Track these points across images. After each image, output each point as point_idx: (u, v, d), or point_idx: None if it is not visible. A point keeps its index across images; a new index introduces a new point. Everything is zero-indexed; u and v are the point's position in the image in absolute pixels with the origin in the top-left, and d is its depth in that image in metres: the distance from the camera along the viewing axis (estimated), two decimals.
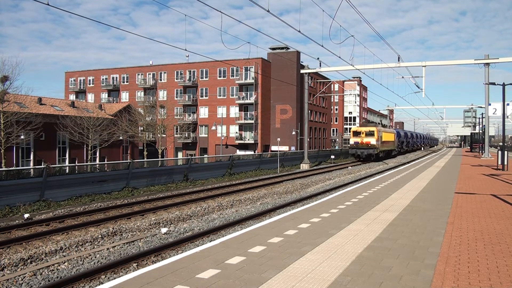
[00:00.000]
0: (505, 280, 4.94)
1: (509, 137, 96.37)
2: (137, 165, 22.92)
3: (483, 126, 44.33)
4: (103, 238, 9.78)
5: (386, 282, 4.86)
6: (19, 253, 8.53)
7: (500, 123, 38.25)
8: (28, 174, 19.27)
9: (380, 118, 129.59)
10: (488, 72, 34.35)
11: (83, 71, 76.49)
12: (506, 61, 34.67)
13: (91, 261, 8.01)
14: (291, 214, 9.60)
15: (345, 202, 11.18)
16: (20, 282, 6.90)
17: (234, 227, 10.56)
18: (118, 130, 46.80)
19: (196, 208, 13.79)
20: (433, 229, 7.72)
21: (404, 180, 17.44)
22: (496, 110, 28.26)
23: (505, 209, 10.17)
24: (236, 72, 62.89)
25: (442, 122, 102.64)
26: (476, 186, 15.37)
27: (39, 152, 41.17)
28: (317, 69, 40.47)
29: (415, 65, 35.74)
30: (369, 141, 41.38)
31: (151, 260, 7.93)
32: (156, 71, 69.79)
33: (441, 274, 5.14)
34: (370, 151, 41.09)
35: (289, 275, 5.12)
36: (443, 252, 6.17)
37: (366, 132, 42.20)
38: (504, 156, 24.24)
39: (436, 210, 9.90)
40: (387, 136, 47.58)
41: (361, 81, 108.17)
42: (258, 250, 6.30)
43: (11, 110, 34.41)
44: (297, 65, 62.97)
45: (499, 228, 7.91)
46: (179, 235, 9.99)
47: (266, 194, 17.05)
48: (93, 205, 14.56)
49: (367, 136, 41.84)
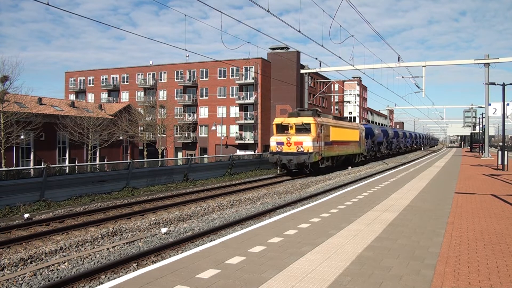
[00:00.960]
0: (505, 280, 4.94)
1: (509, 137, 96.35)
2: (137, 165, 22.92)
3: (483, 126, 44.35)
4: (103, 238, 9.78)
5: (386, 282, 4.86)
6: (19, 253, 8.52)
7: (500, 123, 38.26)
8: (28, 174, 19.28)
9: (379, 117, 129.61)
10: (488, 72, 34.37)
11: (83, 71, 76.50)
12: (506, 61, 34.70)
13: (91, 261, 8.01)
14: (291, 214, 9.60)
15: (345, 202, 11.18)
16: (20, 282, 6.90)
17: (234, 227, 10.56)
18: (118, 130, 46.82)
19: (196, 208, 13.79)
20: (433, 229, 7.72)
21: (404, 180, 17.44)
22: (496, 110, 28.26)
23: (505, 209, 10.17)
24: (236, 72, 62.91)
25: (442, 122, 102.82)
26: (476, 186, 15.37)
27: (39, 152, 41.18)
28: (317, 69, 40.52)
29: (415, 65, 35.80)
30: (300, 142, 24.29)
31: (151, 260, 7.93)
32: (156, 71, 69.80)
33: (441, 274, 5.14)
34: (302, 158, 23.82)
35: (289, 275, 5.12)
36: (443, 252, 6.17)
37: (296, 125, 25.00)
38: (504, 156, 24.25)
39: (436, 210, 9.90)
40: (343, 133, 30.15)
41: (361, 81, 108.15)
42: (258, 250, 6.30)
43: (11, 110, 34.43)
44: (297, 65, 62.96)
45: (499, 228, 7.90)
46: (179, 235, 9.99)
47: (266, 194, 17.06)
48: (93, 205, 14.56)
49: (298, 132, 24.82)
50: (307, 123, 24.78)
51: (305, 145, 24.17)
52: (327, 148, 26.29)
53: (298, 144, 24.41)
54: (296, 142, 24.48)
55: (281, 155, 24.56)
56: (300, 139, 24.42)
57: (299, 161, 23.83)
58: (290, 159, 24.17)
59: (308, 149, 24.08)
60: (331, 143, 27.16)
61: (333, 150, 27.83)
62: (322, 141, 25.42)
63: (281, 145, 24.89)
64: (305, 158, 23.79)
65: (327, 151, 26.29)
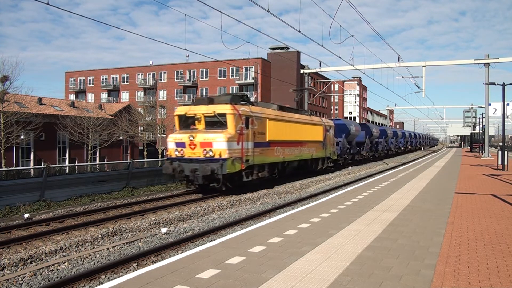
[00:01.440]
0: (505, 280, 4.94)
1: (509, 137, 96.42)
2: (137, 165, 22.92)
3: (483, 126, 44.35)
4: (103, 238, 9.78)
5: (386, 282, 4.86)
6: (19, 253, 8.52)
7: (500, 123, 38.27)
8: (28, 174, 19.31)
9: (379, 117, 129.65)
10: (488, 72, 34.39)
11: (83, 71, 76.55)
12: (506, 61, 34.73)
13: (91, 261, 8.01)
14: (291, 214, 9.61)
15: (345, 202, 11.18)
16: (20, 282, 6.90)
17: (234, 227, 10.56)
18: (118, 130, 46.84)
19: (196, 208, 13.79)
20: (433, 229, 7.72)
21: (404, 180, 17.45)
22: (496, 110, 28.30)
23: (505, 209, 10.17)
24: (236, 72, 62.96)
25: (442, 122, 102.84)
26: (476, 186, 15.37)
27: (39, 152, 41.19)
28: (317, 69, 40.55)
29: (415, 65, 35.82)
30: (209, 142, 16.00)
31: (151, 260, 7.93)
32: (156, 71, 69.84)
33: (441, 274, 5.14)
34: (210, 167, 15.57)
35: (289, 275, 5.12)
36: (443, 252, 6.17)
37: (206, 117, 16.77)
38: (504, 156, 24.26)
39: (436, 210, 9.90)
40: (292, 130, 21.30)
41: (361, 81, 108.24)
42: (258, 250, 6.30)
43: (11, 110, 34.44)
44: (297, 65, 63.00)
45: (499, 228, 7.90)
46: (179, 235, 9.99)
47: (266, 194, 17.06)
48: (93, 205, 14.56)
49: (209, 128, 16.64)
50: (221, 113, 16.03)
51: (216, 148, 15.52)
52: (260, 151, 17.71)
53: (206, 145, 15.69)
54: (203, 142, 15.73)
55: (182, 162, 16.00)
56: (208, 138, 15.72)
57: (204, 172, 15.24)
58: (194, 168, 15.58)
59: (220, 153, 15.43)
60: (267, 144, 18.36)
61: (272, 154, 18.90)
62: (249, 141, 16.83)
63: (182, 147, 16.16)
64: (216, 167, 15.27)
65: (259, 156, 17.69)
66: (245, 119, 16.79)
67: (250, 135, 17.10)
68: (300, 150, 22.40)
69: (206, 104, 16.91)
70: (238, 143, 16.30)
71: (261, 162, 18.08)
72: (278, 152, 19.63)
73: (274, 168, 19.81)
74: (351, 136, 33.31)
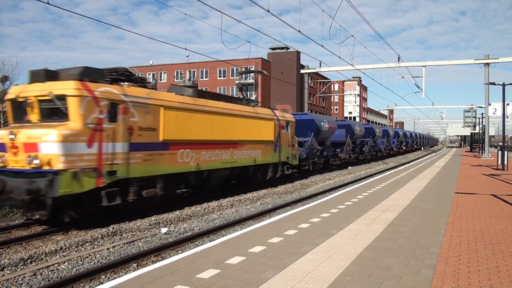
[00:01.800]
0: (505, 280, 4.94)
1: (509, 137, 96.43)
2: None
3: (483, 126, 44.35)
4: (103, 238, 9.77)
5: (386, 282, 4.86)
6: (19, 253, 8.52)
7: (500, 123, 38.27)
8: None
9: (379, 117, 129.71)
10: (488, 72, 34.41)
11: None
12: (506, 61, 34.75)
13: (91, 261, 8.01)
14: (291, 214, 9.61)
15: (345, 202, 11.18)
16: (20, 282, 6.90)
17: (234, 227, 10.56)
18: None
19: (196, 208, 13.78)
20: (433, 229, 7.73)
21: (404, 180, 17.45)
22: (496, 110, 28.31)
23: (505, 209, 10.18)
24: (236, 72, 62.95)
25: (442, 122, 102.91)
26: (476, 186, 15.38)
27: None
28: (317, 69, 40.56)
29: (415, 65, 35.85)
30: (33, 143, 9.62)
31: (151, 260, 7.94)
32: (156, 71, 69.85)
33: (441, 274, 5.14)
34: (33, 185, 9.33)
35: (289, 275, 5.12)
36: (443, 252, 6.17)
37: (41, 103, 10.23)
38: (504, 156, 24.27)
39: (436, 210, 9.90)
40: (217, 126, 14.94)
41: (361, 81, 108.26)
42: (258, 250, 6.30)
43: None
44: (297, 65, 63.02)
45: (499, 228, 7.91)
46: (179, 235, 9.99)
47: (266, 194, 17.05)
48: None
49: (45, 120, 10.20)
50: (60, 95, 10.03)
51: (44, 152, 9.65)
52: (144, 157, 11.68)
53: (31, 148, 9.81)
54: (27, 144, 9.86)
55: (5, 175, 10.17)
56: (34, 136, 9.87)
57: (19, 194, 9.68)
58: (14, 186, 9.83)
59: (49, 161, 9.59)
60: (162, 145, 12.35)
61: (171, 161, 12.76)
62: (117, 142, 10.86)
63: (2, 151, 10.31)
64: (41, 185, 9.48)
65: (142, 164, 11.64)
66: (108, 106, 10.63)
67: (121, 131, 10.95)
68: (233, 153, 16.13)
69: (43, 81, 10.50)
70: (91, 145, 10.21)
71: (145, 174, 11.81)
72: (186, 157, 13.43)
73: (180, 182, 13.60)
74: (322, 135, 26.69)
